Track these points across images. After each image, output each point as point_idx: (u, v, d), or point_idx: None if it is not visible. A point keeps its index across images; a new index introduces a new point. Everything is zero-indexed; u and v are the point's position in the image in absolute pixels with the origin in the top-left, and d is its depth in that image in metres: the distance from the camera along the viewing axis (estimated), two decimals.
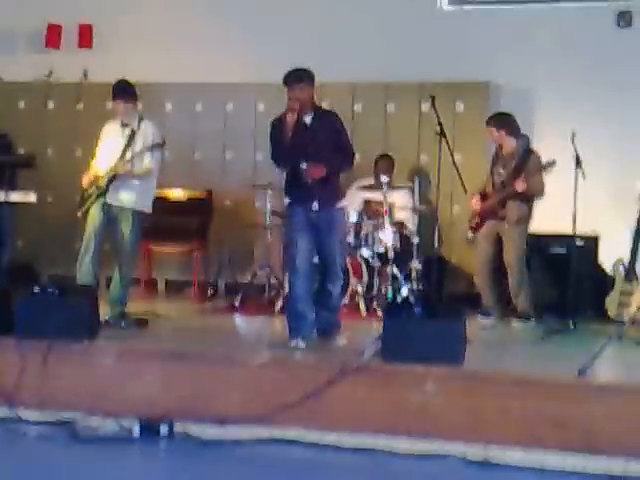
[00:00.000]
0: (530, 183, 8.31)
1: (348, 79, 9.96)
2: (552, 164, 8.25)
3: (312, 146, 6.89)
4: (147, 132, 7.83)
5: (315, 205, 6.91)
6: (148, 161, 7.75)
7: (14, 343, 6.56)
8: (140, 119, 7.90)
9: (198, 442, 5.95)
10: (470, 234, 8.81)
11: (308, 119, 7.00)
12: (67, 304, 6.82)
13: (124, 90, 7.83)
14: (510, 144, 8.59)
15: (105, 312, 7.54)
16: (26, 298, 6.87)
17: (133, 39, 10.67)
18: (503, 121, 8.63)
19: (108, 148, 7.88)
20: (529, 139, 8.69)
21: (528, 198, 8.47)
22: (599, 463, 5.48)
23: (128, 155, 7.72)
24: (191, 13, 10.60)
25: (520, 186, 8.29)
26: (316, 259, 7.15)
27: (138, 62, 9.97)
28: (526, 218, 8.56)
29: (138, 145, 7.77)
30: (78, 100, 10.72)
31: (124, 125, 7.84)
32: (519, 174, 8.36)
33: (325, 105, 9.04)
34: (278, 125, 7.00)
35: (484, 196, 8.68)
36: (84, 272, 7.68)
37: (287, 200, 7.09)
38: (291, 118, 6.88)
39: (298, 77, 7.02)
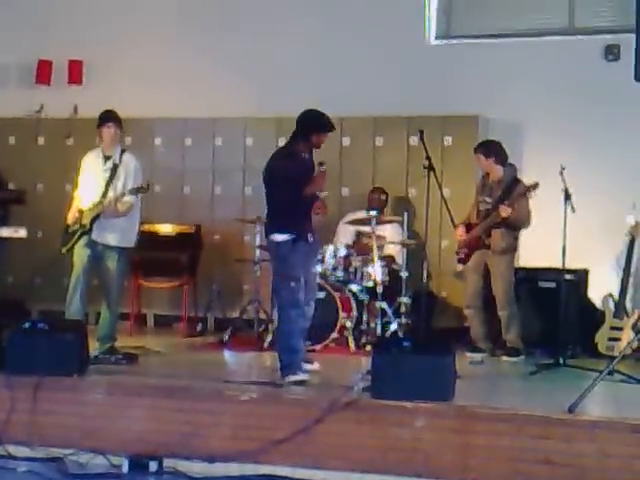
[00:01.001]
0: (515, 210, 8.31)
1: (336, 113, 9.74)
2: (535, 186, 8.25)
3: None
4: (129, 165, 7.82)
5: (311, 237, 6.99)
6: (129, 198, 7.73)
7: (3, 379, 6.57)
8: (122, 152, 7.90)
9: (187, 478, 5.95)
10: (459, 267, 8.82)
11: (306, 155, 7.12)
12: (56, 340, 6.81)
13: (114, 114, 7.87)
14: (497, 172, 8.62)
15: (94, 347, 7.53)
16: (15, 334, 6.87)
17: (123, 75, 10.70)
18: (491, 149, 8.66)
19: (90, 181, 7.87)
20: (516, 168, 8.72)
21: (514, 226, 8.47)
22: None
23: (111, 192, 7.72)
24: (180, 49, 10.63)
25: (505, 211, 8.28)
26: None
27: (127, 97, 9.98)
28: (512, 248, 8.56)
29: (121, 180, 7.76)
30: (68, 136, 10.73)
31: (106, 158, 7.83)
32: (505, 201, 8.36)
33: None
34: (309, 164, 7.06)
35: (469, 226, 8.67)
36: (74, 310, 7.68)
37: (287, 236, 6.94)
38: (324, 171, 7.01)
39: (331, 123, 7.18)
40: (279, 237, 6.98)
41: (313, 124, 7.07)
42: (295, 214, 6.99)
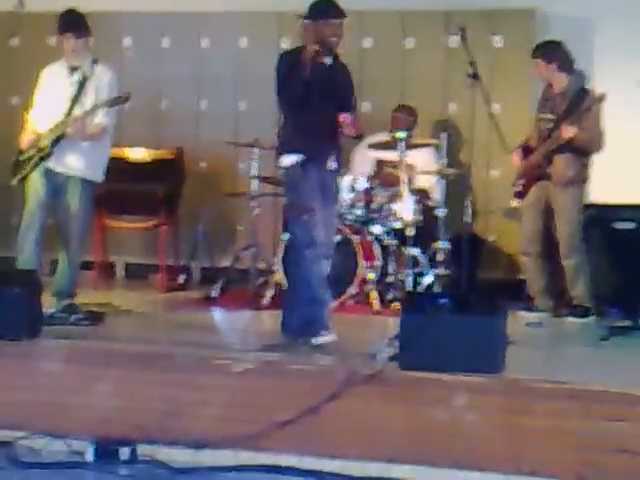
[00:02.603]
0: (583, 129, 8.31)
1: (354, 7, 9.71)
2: (601, 99, 8.26)
3: (329, 92, 7.07)
4: (102, 79, 7.82)
5: (333, 164, 7.01)
6: (102, 117, 7.74)
7: None
8: (93, 62, 7.88)
9: (167, 469, 5.98)
10: (514, 202, 8.83)
11: (329, 62, 7.12)
12: (1, 295, 6.85)
13: (75, 21, 7.81)
14: (561, 82, 8.59)
15: (50, 304, 7.58)
16: None
17: None
18: (553, 52, 8.62)
19: (51, 98, 7.87)
20: (585, 76, 8.70)
21: (581, 150, 8.45)
22: None
23: (78, 110, 7.72)
24: None
25: (567, 131, 8.29)
26: None
27: None
28: (580, 179, 8.55)
29: (90, 96, 7.75)
30: (12, 35, 10.73)
31: (72, 69, 7.82)
32: (569, 117, 8.38)
33: None
34: (296, 61, 7.01)
35: (528, 150, 8.71)
36: (27, 256, 7.71)
37: (296, 158, 7.06)
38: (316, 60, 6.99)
39: (334, 9, 7.10)
40: (286, 160, 7.11)
41: (308, 11, 7.12)
42: (293, 127, 7.14)
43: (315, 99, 7.02)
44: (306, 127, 7.08)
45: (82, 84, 7.76)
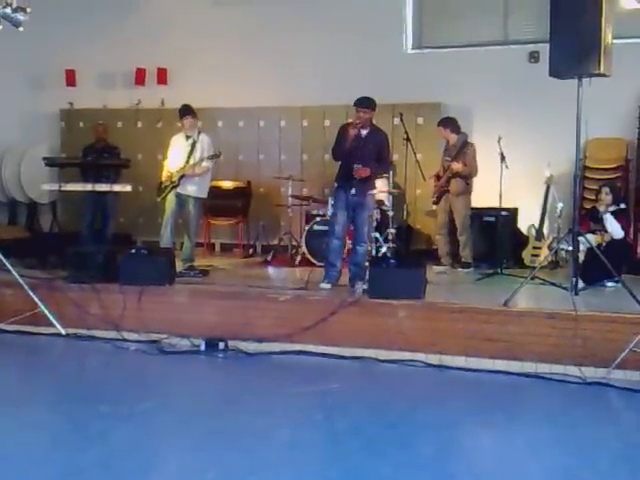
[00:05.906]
0: (466, 165, 8.22)
1: (344, 103, 9.78)
2: (472, 145, 8.21)
3: (362, 151, 6.82)
4: (204, 142, 7.80)
5: (353, 190, 6.88)
6: (205, 164, 7.70)
7: (118, 287, 6.67)
8: (199, 132, 7.85)
9: (244, 354, 6.03)
10: (434, 206, 8.71)
11: (364, 132, 6.89)
12: (154, 260, 6.88)
13: (188, 110, 7.79)
14: (453, 139, 8.47)
15: (179, 266, 7.56)
16: (126, 256, 6.94)
17: (195, 77, 10.55)
18: (448, 122, 8.52)
19: (176, 153, 7.82)
20: (467, 135, 8.57)
21: (465, 176, 8.33)
22: (517, 366, 5.56)
23: (192, 160, 7.68)
24: (235, 58, 10.47)
25: (456, 166, 8.20)
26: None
27: (199, 93, 9.89)
28: (466, 191, 8.40)
29: (198, 152, 7.69)
30: (158, 121, 10.63)
31: (188, 137, 7.79)
32: (457, 158, 8.28)
33: (327, 121, 9.03)
34: (343, 131, 6.89)
35: (438, 177, 8.56)
36: (165, 240, 7.69)
37: (335, 185, 6.99)
38: (353, 130, 6.80)
39: (362, 102, 6.86)
40: (334, 184, 7.05)
41: (364, 103, 6.89)
42: (339, 170, 7.00)
43: (350, 155, 6.80)
44: (341, 170, 6.96)
45: (193, 145, 7.71)
